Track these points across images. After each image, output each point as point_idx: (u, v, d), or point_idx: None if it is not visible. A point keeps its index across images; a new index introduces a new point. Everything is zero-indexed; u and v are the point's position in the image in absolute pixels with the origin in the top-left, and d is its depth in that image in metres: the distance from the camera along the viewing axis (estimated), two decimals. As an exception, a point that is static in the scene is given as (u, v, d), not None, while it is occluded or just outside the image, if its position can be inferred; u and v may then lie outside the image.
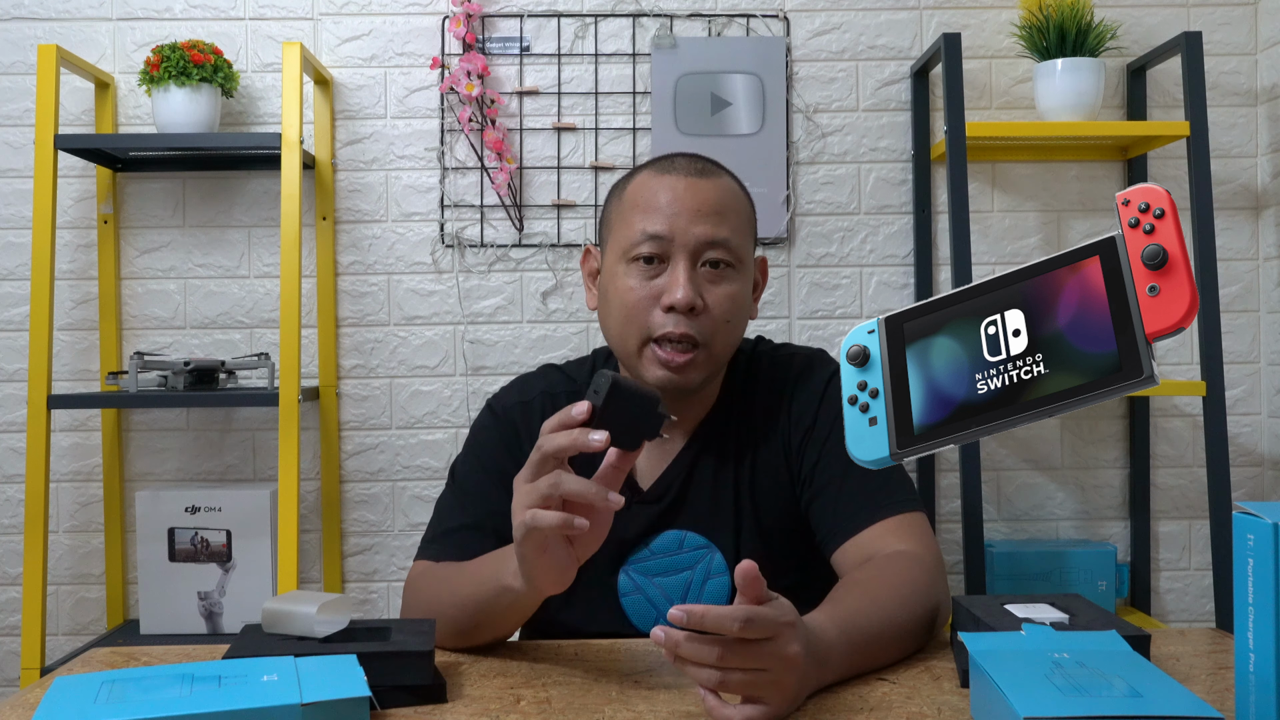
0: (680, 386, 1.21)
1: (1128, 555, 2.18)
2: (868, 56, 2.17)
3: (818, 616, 0.97)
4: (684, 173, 1.22)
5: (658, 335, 1.19)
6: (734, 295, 1.21)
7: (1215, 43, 2.15)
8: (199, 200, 2.16)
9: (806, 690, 0.90)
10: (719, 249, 1.19)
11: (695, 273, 1.19)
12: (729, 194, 1.23)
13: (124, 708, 0.77)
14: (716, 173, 1.24)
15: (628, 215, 1.22)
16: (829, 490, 1.22)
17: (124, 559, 2.15)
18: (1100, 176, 2.18)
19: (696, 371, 1.21)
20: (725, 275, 1.20)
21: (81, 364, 2.15)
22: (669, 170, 1.23)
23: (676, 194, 1.20)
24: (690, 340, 1.18)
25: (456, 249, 2.15)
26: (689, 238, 1.18)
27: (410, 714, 0.90)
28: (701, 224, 1.19)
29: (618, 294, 1.22)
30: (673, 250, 1.19)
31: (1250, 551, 0.73)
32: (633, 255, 1.20)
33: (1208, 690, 0.92)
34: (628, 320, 1.21)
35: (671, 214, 1.19)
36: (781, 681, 0.85)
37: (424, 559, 1.24)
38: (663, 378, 1.21)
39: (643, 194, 1.22)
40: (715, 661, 0.83)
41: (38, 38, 2.13)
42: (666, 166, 1.24)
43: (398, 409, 2.16)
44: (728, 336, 1.21)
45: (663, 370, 1.20)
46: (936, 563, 1.14)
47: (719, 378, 1.30)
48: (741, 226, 1.23)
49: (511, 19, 2.14)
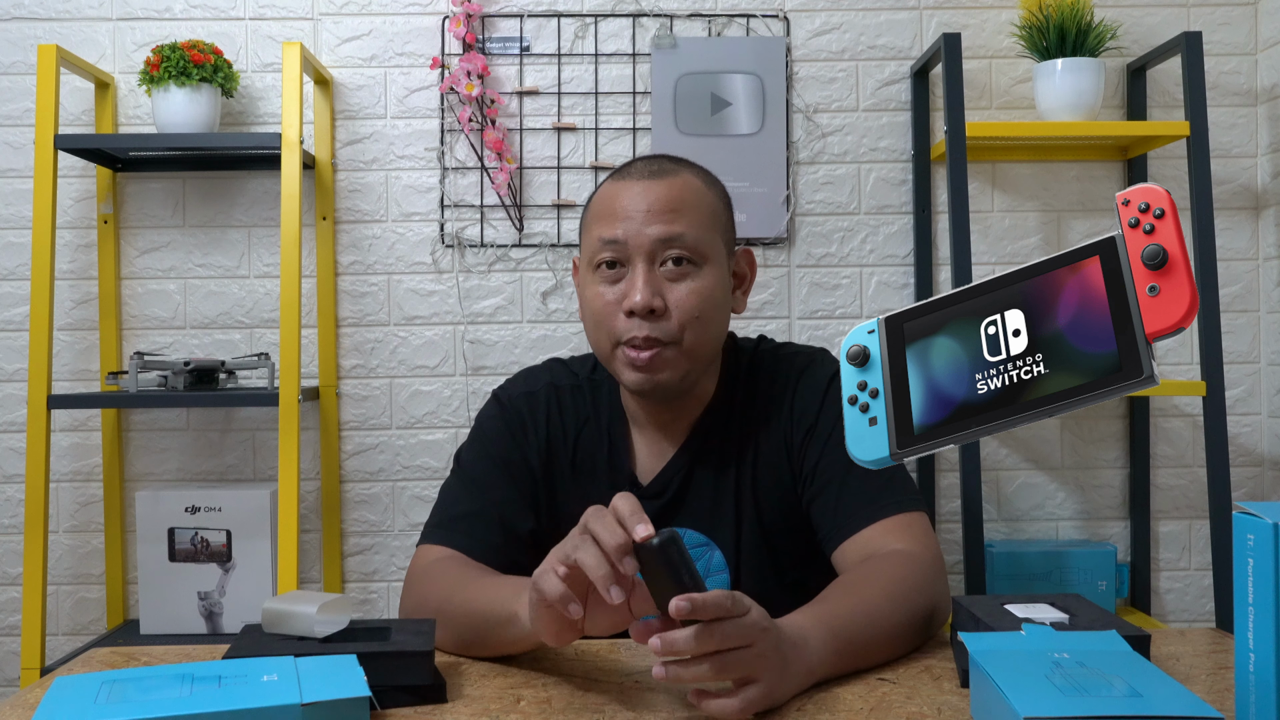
0: (656, 386, 1.21)
1: (1128, 555, 2.18)
2: (868, 56, 2.17)
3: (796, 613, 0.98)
4: (639, 176, 1.23)
5: (624, 339, 1.20)
6: (699, 290, 1.20)
7: (1215, 43, 2.15)
8: (199, 200, 2.16)
9: (796, 673, 0.90)
10: (675, 246, 1.19)
11: (654, 274, 1.20)
12: (686, 190, 1.22)
13: (124, 708, 0.77)
14: (673, 171, 1.24)
15: (590, 225, 1.24)
16: (830, 489, 1.22)
17: (124, 559, 2.15)
18: (1100, 176, 2.18)
19: (668, 369, 1.21)
20: (687, 272, 1.20)
21: (81, 364, 2.15)
22: (625, 176, 1.24)
23: (632, 197, 1.21)
24: (654, 342, 1.19)
25: (456, 249, 2.15)
26: (643, 239, 1.19)
27: (410, 714, 0.90)
28: (655, 224, 1.19)
29: (588, 302, 1.24)
30: (630, 254, 1.20)
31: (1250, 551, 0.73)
32: (595, 263, 1.22)
33: (1208, 690, 0.92)
34: (597, 326, 1.23)
35: (625, 219, 1.20)
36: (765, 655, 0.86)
37: (430, 543, 1.24)
38: (636, 380, 1.21)
39: (602, 203, 1.24)
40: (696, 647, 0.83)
41: (38, 38, 2.13)
42: (624, 173, 1.25)
43: (398, 409, 2.16)
44: (699, 332, 1.21)
45: (634, 372, 1.21)
46: (933, 562, 1.14)
47: (712, 374, 1.30)
48: (702, 221, 1.22)
49: (511, 19, 2.14)
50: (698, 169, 1.28)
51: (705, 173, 1.28)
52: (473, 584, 1.10)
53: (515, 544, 1.26)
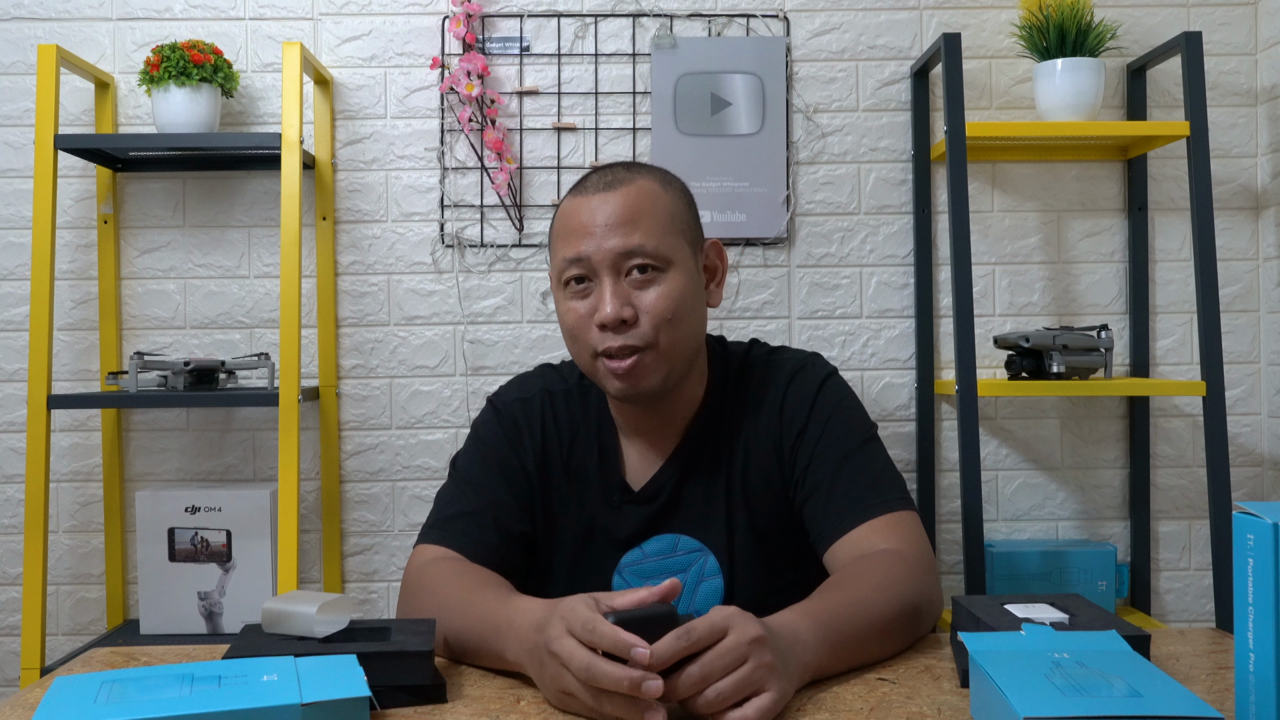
0: (639, 392, 1.23)
1: (1128, 555, 2.18)
2: (868, 56, 2.17)
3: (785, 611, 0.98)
4: (593, 190, 1.24)
5: (601, 350, 1.21)
6: (668, 294, 1.21)
7: (1215, 43, 2.15)
8: (199, 200, 2.16)
9: (795, 671, 0.90)
10: (637, 256, 1.20)
11: (620, 285, 1.20)
12: (641, 198, 1.23)
13: (124, 708, 0.77)
14: (627, 179, 1.24)
15: (555, 244, 1.26)
16: (820, 491, 1.23)
17: (124, 559, 2.15)
18: (1100, 176, 2.18)
19: (650, 373, 1.22)
20: (653, 279, 1.21)
21: (81, 364, 2.15)
22: (581, 191, 1.25)
23: (589, 213, 1.22)
24: (630, 349, 1.20)
25: (456, 249, 2.15)
26: (604, 254, 1.20)
27: (410, 714, 0.90)
28: (613, 237, 1.20)
29: (562, 318, 1.26)
30: (595, 268, 1.21)
31: (1250, 551, 0.73)
32: (564, 280, 1.24)
33: (1208, 690, 0.92)
34: (574, 340, 1.24)
35: (584, 235, 1.21)
36: (764, 661, 0.85)
37: (427, 543, 1.24)
38: (619, 388, 1.23)
39: (563, 220, 1.25)
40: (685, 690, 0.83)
41: (38, 38, 2.13)
42: (580, 188, 1.26)
43: (398, 409, 2.16)
44: (674, 333, 1.22)
45: (616, 381, 1.22)
46: (920, 559, 1.14)
47: (700, 378, 1.31)
48: (660, 226, 1.22)
49: (511, 19, 2.14)
50: (654, 171, 1.28)
51: (662, 173, 1.28)
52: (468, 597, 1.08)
53: (511, 545, 1.26)
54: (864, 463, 1.24)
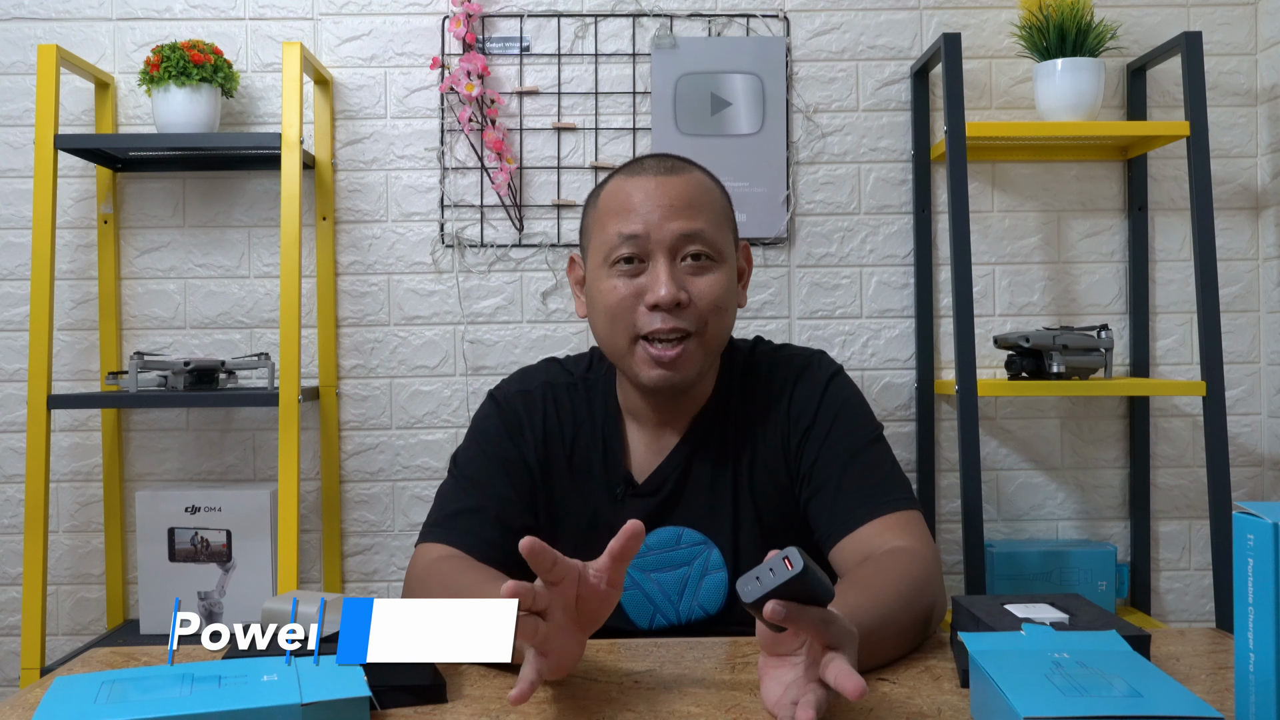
0: (676, 383, 1.22)
1: (1128, 555, 2.18)
2: (868, 56, 2.17)
3: None
4: (653, 172, 1.24)
5: (646, 333, 1.20)
6: (719, 283, 1.22)
7: (1215, 43, 2.15)
8: (199, 200, 2.16)
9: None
10: (696, 242, 1.21)
11: (676, 268, 1.21)
12: (700, 187, 1.24)
13: (124, 708, 0.77)
14: (685, 168, 1.25)
15: (604, 221, 1.24)
16: (827, 488, 1.23)
17: (124, 559, 2.15)
18: (1100, 176, 2.18)
19: (690, 364, 1.22)
20: (707, 267, 1.22)
21: (81, 364, 2.15)
22: (639, 172, 1.24)
23: (648, 193, 1.21)
24: (680, 332, 1.20)
25: (456, 249, 2.15)
26: (665, 234, 1.20)
27: (410, 714, 0.90)
28: (676, 219, 1.20)
29: (602, 297, 1.23)
30: (651, 248, 1.20)
31: (1250, 551, 0.73)
32: (613, 259, 1.22)
33: (1208, 690, 0.92)
34: (614, 321, 1.22)
35: (645, 213, 1.20)
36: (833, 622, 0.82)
37: (429, 542, 1.24)
38: (657, 377, 1.22)
39: (616, 198, 1.24)
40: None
41: (38, 38, 2.13)
42: (636, 169, 1.26)
43: (398, 409, 2.16)
44: (718, 324, 1.23)
45: (656, 369, 1.21)
46: (934, 560, 1.15)
47: (713, 373, 1.30)
48: (716, 218, 1.24)
49: (511, 19, 2.14)
50: (703, 169, 1.29)
51: (709, 172, 1.30)
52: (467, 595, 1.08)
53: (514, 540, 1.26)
54: (872, 460, 1.24)
